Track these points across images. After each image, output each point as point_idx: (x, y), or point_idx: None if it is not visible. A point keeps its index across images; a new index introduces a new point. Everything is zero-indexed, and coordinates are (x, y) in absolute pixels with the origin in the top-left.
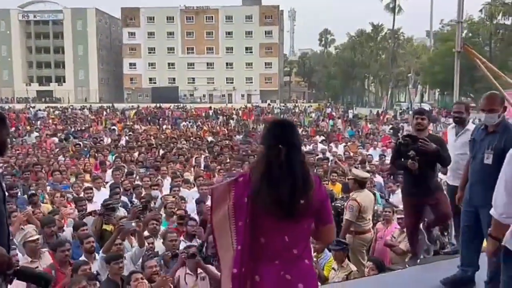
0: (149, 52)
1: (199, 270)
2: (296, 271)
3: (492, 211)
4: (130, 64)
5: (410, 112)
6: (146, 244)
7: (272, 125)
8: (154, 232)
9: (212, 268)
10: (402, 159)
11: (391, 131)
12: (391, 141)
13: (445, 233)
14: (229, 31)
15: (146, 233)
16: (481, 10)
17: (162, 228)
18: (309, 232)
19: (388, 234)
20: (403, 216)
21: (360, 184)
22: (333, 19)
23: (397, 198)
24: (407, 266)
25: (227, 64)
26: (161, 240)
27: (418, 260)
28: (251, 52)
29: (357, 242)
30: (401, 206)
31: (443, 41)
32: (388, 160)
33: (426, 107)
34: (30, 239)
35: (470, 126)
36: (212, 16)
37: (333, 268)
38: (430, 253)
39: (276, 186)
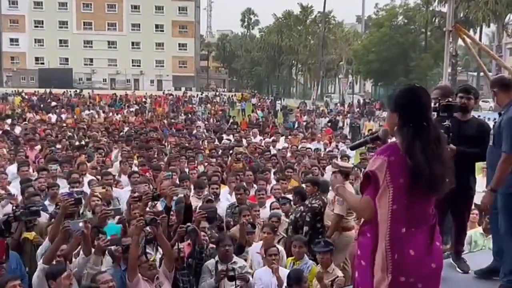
0: (36, 26)
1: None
2: (435, 235)
3: None
4: (11, 40)
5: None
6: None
7: (415, 92)
8: None
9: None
10: None
11: (329, 124)
12: (333, 134)
13: None
14: (135, 5)
15: None
16: None
17: None
18: None
19: None
20: None
21: (346, 175)
22: None
23: None
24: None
25: (133, 43)
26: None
27: None
28: (162, 31)
29: (343, 239)
30: None
31: (378, 27)
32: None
33: (356, 99)
34: None
35: None
36: None
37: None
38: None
39: (435, 165)
